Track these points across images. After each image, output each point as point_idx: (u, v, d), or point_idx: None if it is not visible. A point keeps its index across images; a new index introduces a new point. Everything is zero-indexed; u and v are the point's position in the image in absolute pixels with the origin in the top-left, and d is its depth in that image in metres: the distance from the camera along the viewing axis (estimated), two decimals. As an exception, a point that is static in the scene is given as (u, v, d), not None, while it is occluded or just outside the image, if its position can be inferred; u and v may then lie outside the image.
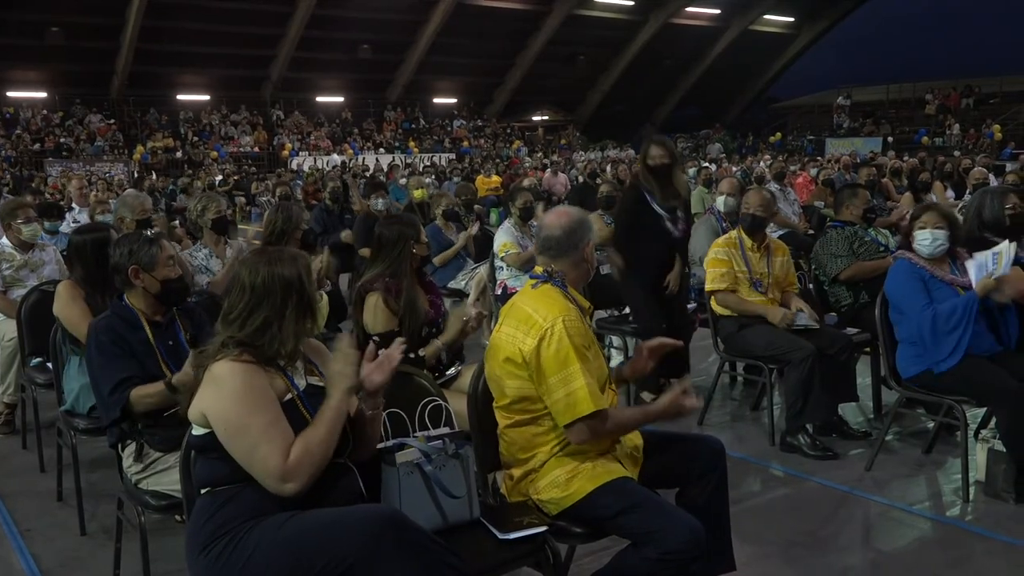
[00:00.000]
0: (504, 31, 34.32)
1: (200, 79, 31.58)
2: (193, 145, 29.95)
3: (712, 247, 5.11)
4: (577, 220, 2.91)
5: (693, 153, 31.80)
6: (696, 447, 2.98)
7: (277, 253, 2.47)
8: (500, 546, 2.57)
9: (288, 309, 2.38)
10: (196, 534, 2.30)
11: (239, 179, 23.03)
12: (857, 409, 5.23)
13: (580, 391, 2.67)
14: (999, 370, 3.87)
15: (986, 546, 3.59)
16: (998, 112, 31.19)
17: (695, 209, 10.57)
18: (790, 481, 4.35)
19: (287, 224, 4.85)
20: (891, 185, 11.12)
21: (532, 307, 2.79)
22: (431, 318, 3.93)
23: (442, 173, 21.93)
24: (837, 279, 5.19)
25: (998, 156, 22.49)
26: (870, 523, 3.90)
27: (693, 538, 2.53)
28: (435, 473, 2.57)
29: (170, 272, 3.32)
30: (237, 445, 2.27)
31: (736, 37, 38.41)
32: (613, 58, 37.88)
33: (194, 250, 5.24)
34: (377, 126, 34.66)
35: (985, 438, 4.10)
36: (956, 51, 58.59)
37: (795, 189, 11.61)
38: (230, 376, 2.29)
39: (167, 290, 3.32)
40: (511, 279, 6.39)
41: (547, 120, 39.81)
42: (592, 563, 3.01)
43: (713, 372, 5.36)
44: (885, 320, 4.29)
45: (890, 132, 32.20)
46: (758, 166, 17.80)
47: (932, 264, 4.13)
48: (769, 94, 44.77)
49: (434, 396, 3.06)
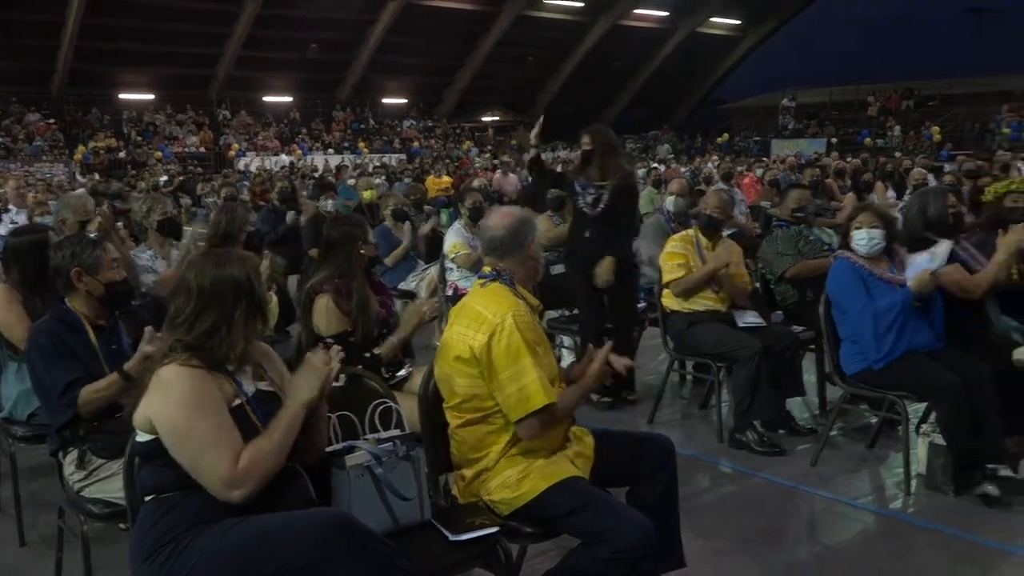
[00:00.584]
0: (454, 31, 34.24)
1: (144, 78, 30.92)
2: (137, 145, 29.31)
3: (669, 242, 5.20)
4: (520, 219, 2.95)
5: (642, 154, 32.06)
6: (646, 446, 3.01)
7: (225, 255, 2.44)
8: (451, 547, 2.56)
9: (237, 311, 2.35)
10: (140, 542, 2.26)
11: (184, 180, 22.62)
12: (803, 405, 5.32)
13: (532, 385, 2.69)
14: (938, 366, 3.97)
15: (927, 538, 3.68)
16: (937, 114, 32.00)
17: (644, 209, 10.66)
18: (738, 478, 4.41)
19: (231, 226, 4.79)
20: (835, 185, 11.33)
21: (482, 305, 2.80)
22: (382, 318, 3.91)
23: (392, 174, 21.80)
24: (783, 277, 5.28)
25: (936, 157, 23.04)
26: (816, 517, 3.98)
27: (643, 536, 2.55)
28: (385, 475, 2.56)
29: (114, 275, 3.25)
30: (184, 451, 2.23)
31: (683, 39, 38.82)
32: (562, 59, 38.03)
33: (138, 252, 5.14)
34: (326, 126, 34.32)
35: (926, 432, 4.20)
36: (897, 55, 59.99)
37: (742, 189, 11.79)
38: (177, 381, 2.25)
39: (111, 293, 3.24)
40: (461, 280, 6.38)
41: (497, 121, 39.82)
42: (544, 563, 3.02)
43: (663, 371, 5.42)
44: (829, 318, 4.38)
45: (834, 133, 32.85)
46: (706, 167, 18.03)
47: (871, 263, 4.22)
48: (716, 96, 45.32)
49: (384, 398, 3.04)
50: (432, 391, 2.96)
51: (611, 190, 5.18)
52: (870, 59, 55.71)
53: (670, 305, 5.09)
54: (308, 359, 2.42)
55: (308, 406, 2.36)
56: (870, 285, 4.15)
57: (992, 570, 3.41)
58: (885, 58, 56.34)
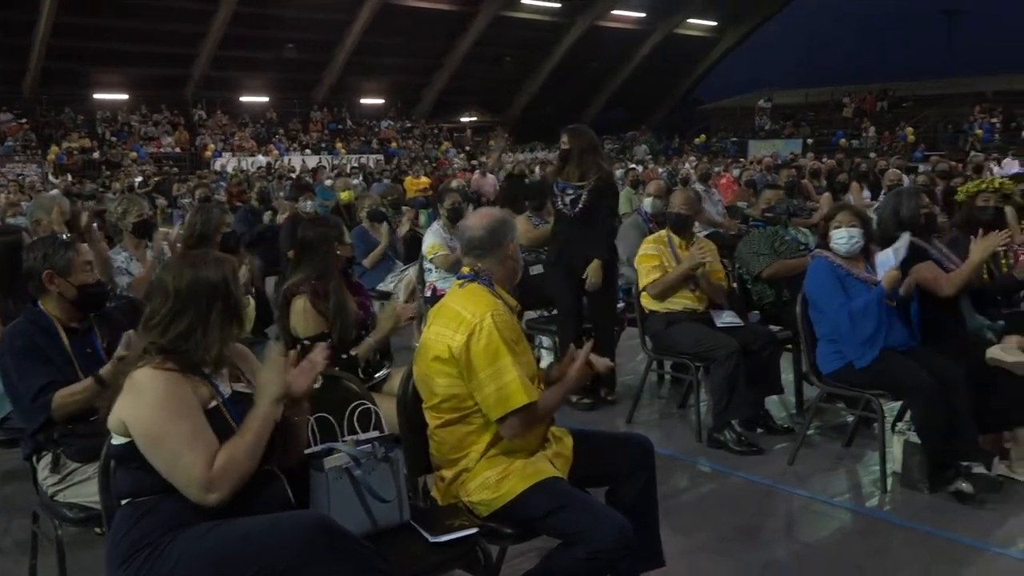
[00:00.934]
0: (431, 31, 34.18)
1: (118, 77, 30.60)
2: (111, 145, 29.02)
3: (643, 244, 5.22)
4: (499, 220, 2.96)
5: (620, 155, 32.16)
6: (625, 446, 3.02)
7: (202, 256, 2.42)
8: (431, 549, 2.56)
9: (213, 314, 2.33)
10: (116, 547, 2.24)
11: (160, 180, 22.42)
12: (780, 404, 5.36)
13: (512, 384, 2.69)
14: (913, 364, 4.01)
15: (904, 535, 3.72)
16: (911, 115, 32.38)
17: (623, 210, 10.70)
18: (716, 477, 4.43)
19: (206, 227, 4.74)
20: (810, 186, 11.42)
21: (460, 305, 2.81)
22: (360, 320, 3.90)
23: (370, 175, 21.73)
24: (760, 277, 5.32)
25: (911, 158, 23.31)
26: (793, 516, 4.01)
27: (622, 536, 2.55)
28: (364, 477, 2.55)
29: (87, 277, 3.20)
30: (158, 454, 2.21)
31: (661, 40, 38.98)
32: (540, 60, 38.06)
33: (113, 253, 5.08)
34: (303, 126, 34.14)
35: (901, 431, 4.24)
36: (872, 57, 60.58)
37: (719, 190, 11.85)
38: (151, 384, 2.23)
39: (84, 296, 3.20)
40: (440, 281, 6.36)
41: (475, 121, 39.80)
42: (523, 563, 3.01)
43: (641, 371, 5.43)
44: (805, 317, 4.41)
45: (810, 134, 33.14)
46: (683, 167, 18.11)
47: (848, 262, 4.25)
48: (693, 97, 45.56)
49: (363, 400, 3.03)
50: (411, 392, 2.95)
51: (590, 190, 5.19)
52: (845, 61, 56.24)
53: (648, 305, 5.11)
54: (266, 356, 2.39)
55: (278, 403, 2.33)
56: (847, 285, 4.19)
57: (966, 566, 3.44)
58: (860, 60, 56.89)
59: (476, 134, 38.91)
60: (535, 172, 17.98)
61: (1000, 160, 20.11)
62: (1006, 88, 31.48)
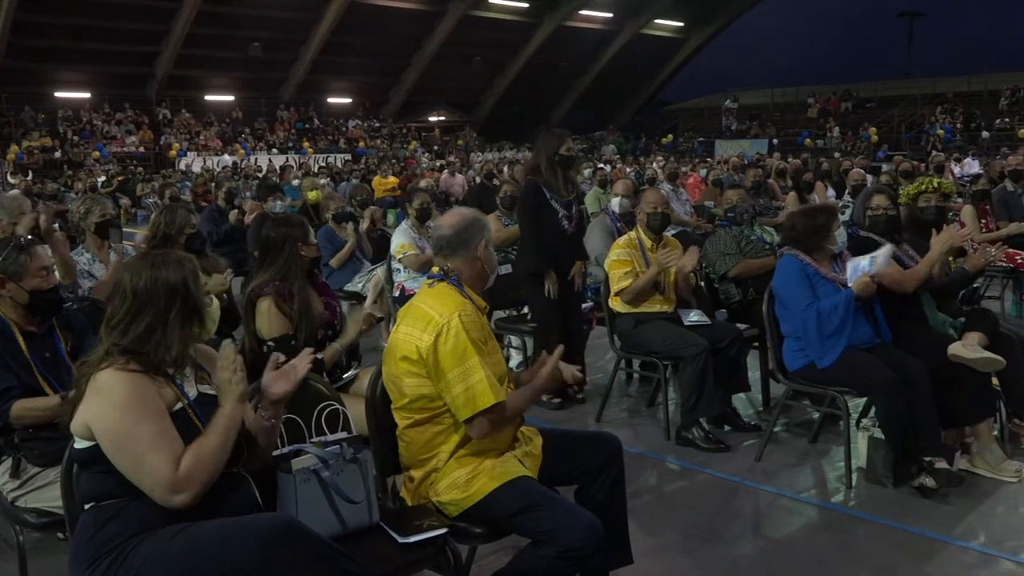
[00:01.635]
0: (399, 31, 34.04)
1: (80, 76, 30.14)
2: (73, 145, 28.58)
3: (613, 249, 5.18)
4: (469, 219, 2.95)
5: (589, 154, 32.28)
6: (594, 444, 3.03)
7: (162, 256, 2.40)
8: (400, 550, 2.55)
9: (172, 314, 2.31)
10: (81, 551, 2.21)
11: (123, 180, 22.12)
12: (747, 402, 5.41)
13: (480, 384, 2.69)
14: (877, 361, 4.06)
15: (868, 529, 3.77)
16: (874, 116, 32.80)
17: (591, 209, 10.74)
18: (685, 474, 4.47)
19: (170, 227, 4.68)
20: (776, 185, 11.53)
21: (428, 305, 2.80)
22: (326, 320, 3.87)
23: (338, 174, 21.60)
24: (726, 276, 5.36)
25: (874, 157, 23.64)
26: (760, 512, 4.04)
27: (591, 534, 2.56)
28: (333, 479, 2.53)
29: (41, 283, 3.12)
30: (123, 457, 2.18)
31: (628, 41, 39.17)
32: (509, 59, 38.10)
33: (75, 254, 4.99)
34: (269, 126, 33.85)
35: (866, 427, 4.31)
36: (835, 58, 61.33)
37: (687, 189, 11.94)
38: (115, 386, 2.21)
39: (36, 302, 3.12)
40: (409, 281, 6.34)
41: (444, 121, 39.74)
42: (493, 563, 3.02)
43: (610, 370, 5.46)
44: (772, 316, 4.45)
45: (775, 134, 33.45)
46: (651, 167, 18.20)
47: (817, 261, 4.30)
48: (660, 97, 45.85)
49: (331, 400, 3.01)
50: (380, 393, 2.93)
51: (577, 201, 5.38)
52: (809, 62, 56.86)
53: (618, 308, 5.10)
54: (220, 355, 2.35)
55: (242, 402, 2.31)
56: (815, 283, 4.24)
57: (929, 559, 3.50)
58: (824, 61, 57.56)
59: (445, 133, 38.85)
60: (503, 172, 17.98)
61: (961, 160, 20.46)
62: (965, 89, 32.05)
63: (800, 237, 4.33)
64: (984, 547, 3.56)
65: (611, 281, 5.08)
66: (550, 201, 5.22)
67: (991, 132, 28.49)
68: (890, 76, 38.84)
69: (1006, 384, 4.37)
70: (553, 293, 5.21)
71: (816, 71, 47.15)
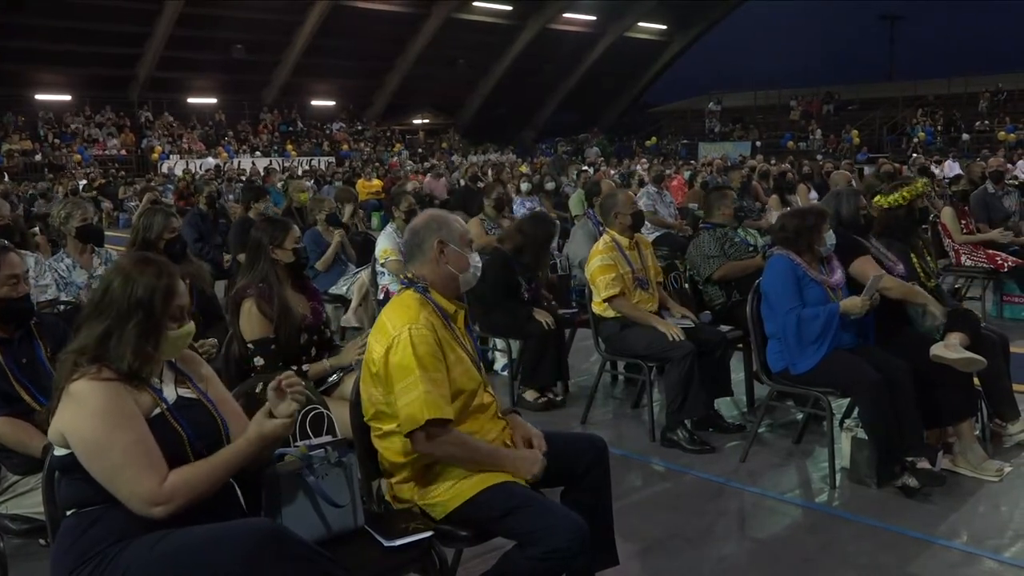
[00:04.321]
0: (383, 33, 34.01)
1: (61, 78, 29.94)
2: (54, 147, 28.36)
3: (593, 256, 5.10)
4: (421, 222, 2.88)
5: (573, 157, 32.34)
6: (579, 446, 3.02)
7: (144, 263, 2.34)
8: (386, 553, 2.54)
9: (130, 323, 2.25)
10: (62, 557, 2.19)
11: (105, 183, 21.96)
12: (731, 403, 5.42)
13: (416, 401, 2.64)
14: (860, 362, 4.08)
15: (852, 529, 3.79)
16: (856, 118, 33.05)
17: (575, 212, 10.76)
18: (670, 475, 4.48)
19: (148, 232, 4.62)
20: (759, 187, 11.59)
21: (387, 316, 2.79)
22: (309, 323, 3.86)
23: (321, 177, 21.53)
24: (710, 279, 5.38)
25: (855, 159, 23.80)
26: (745, 512, 4.06)
27: (577, 536, 2.56)
28: (317, 483, 2.51)
29: (10, 291, 3.06)
30: (99, 467, 2.15)
31: (612, 44, 39.29)
32: (493, 62, 38.11)
33: (55, 260, 4.94)
34: (253, 128, 33.71)
35: (849, 427, 4.32)
36: (817, 61, 61.74)
37: (671, 191, 11.98)
38: (90, 395, 2.17)
39: (5, 310, 3.07)
40: (393, 284, 6.31)
41: (428, 123, 39.73)
42: (478, 566, 3.01)
43: (595, 372, 5.46)
44: (757, 317, 4.46)
45: (758, 136, 33.65)
46: (635, 169, 18.26)
47: (806, 263, 4.31)
48: (644, 99, 46.02)
49: (315, 404, 2.99)
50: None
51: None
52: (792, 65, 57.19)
53: (602, 312, 5.09)
54: (286, 382, 2.32)
55: (264, 440, 2.29)
56: (804, 284, 4.24)
57: (912, 559, 3.51)
58: (806, 64, 57.90)
59: (429, 136, 38.83)
60: (488, 174, 17.97)
61: (941, 162, 20.63)
62: (945, 92, 32.33)
63: (791, 237, 4.34)
64: (966, 546, 3.58)
65: (597, 289, 5.02)
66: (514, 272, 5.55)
67: (971, 134, 28.76)
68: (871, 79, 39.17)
69: (987, 384, 4.41)
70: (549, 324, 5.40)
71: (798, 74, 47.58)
